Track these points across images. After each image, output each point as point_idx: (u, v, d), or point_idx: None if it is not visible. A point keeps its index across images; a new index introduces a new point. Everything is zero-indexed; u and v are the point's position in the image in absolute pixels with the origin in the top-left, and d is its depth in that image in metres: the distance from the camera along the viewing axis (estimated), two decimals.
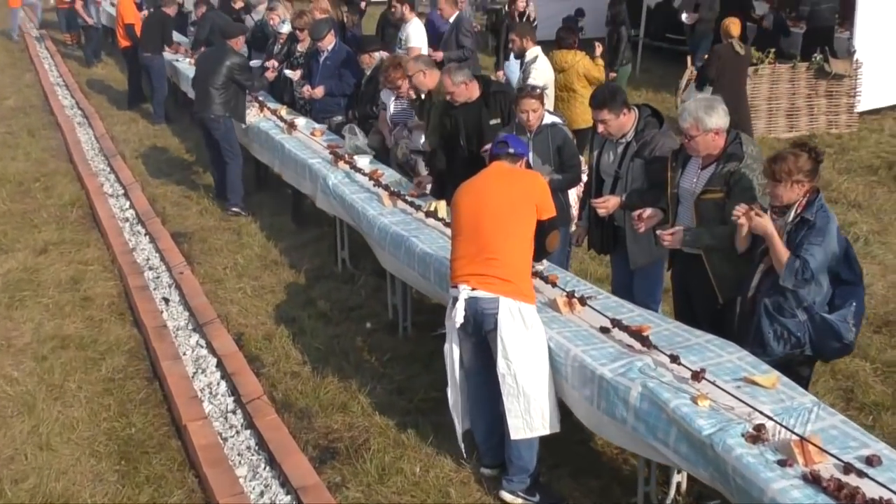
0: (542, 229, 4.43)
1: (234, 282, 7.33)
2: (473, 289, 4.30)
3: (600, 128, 5.12)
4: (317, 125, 8.79)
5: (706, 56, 10.45)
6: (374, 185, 6.76)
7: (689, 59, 11.34)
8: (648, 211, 4.84)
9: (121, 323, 6.72)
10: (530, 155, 5.45)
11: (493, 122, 6.31)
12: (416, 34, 9.71)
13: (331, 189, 7.05)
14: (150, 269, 7.75)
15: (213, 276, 7.47)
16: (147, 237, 8.47)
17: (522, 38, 7.88)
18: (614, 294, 5.17)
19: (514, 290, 4.28)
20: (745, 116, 9.46)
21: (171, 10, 13.20)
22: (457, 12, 10.72)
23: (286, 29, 10.08)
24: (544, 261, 4.99)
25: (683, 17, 13.08)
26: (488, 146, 6.09)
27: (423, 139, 7.31)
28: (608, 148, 5.28)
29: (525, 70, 7.94)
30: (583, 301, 4.56)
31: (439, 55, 10.36)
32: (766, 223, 4.12)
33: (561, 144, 5.70)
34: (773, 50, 11.14)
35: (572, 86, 8.67)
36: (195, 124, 9.86)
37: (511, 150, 4.60)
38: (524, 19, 11.88)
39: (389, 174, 7.19)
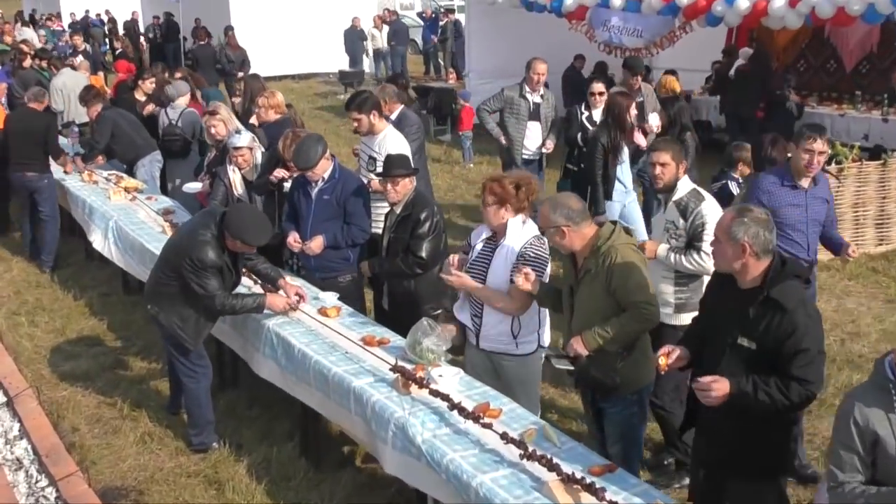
0: None
1: None
2: None
3: None
4: (325, 297, 5.74)
5: None
6: (524, 454, 3.76)
7: None
8: None
9: None
10: None
11: None
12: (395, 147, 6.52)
13: (423, 451, 4.01)
14: None
15: None
16: None
17: (678, 163, 5.02)
18: None
19: None
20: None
21: (38, 107, 9.52)
22: (400, 107, 7.73)
23: (243, 142, 6.99)
24: None
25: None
26: None
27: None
28: None
29: (690, 220, 4.86)
30: None
31: None
32: None
33: None
34: (857, 144, 8.93)
35: None
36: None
37: None
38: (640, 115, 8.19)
39: (511, 410, 4.24)
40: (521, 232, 4.75)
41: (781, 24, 10.51)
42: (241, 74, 18.72)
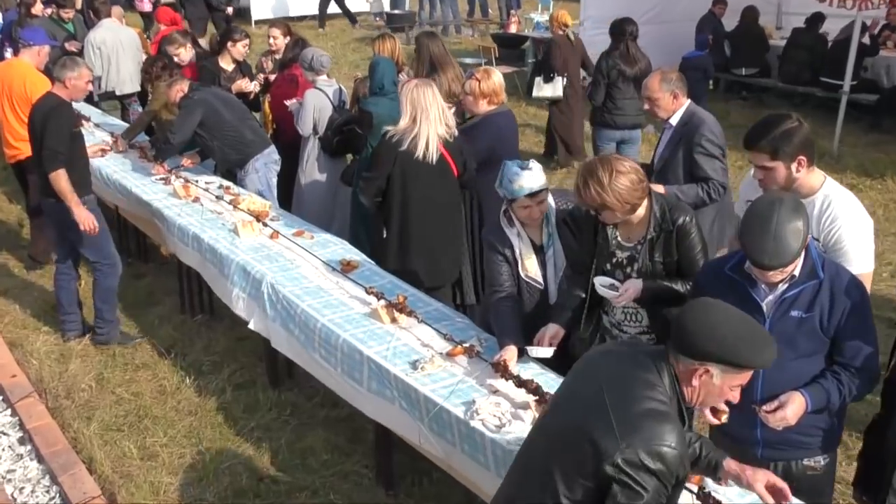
0: None
1: None
2: None
3: None
4: None
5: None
6: None
7: None
8: None
9: None
10: None
11: None
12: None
13: None
14: None
15: None
16: None
17: None
18: None
19: None
20: (581, 103, 9.72)
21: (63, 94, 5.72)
22: (686, 102, 4.98)
23: (528, 184, 3.98)
24: None
25: None
26: None
27: None
28: None
29: None
30: None
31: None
32: None
33: None
34: None
35: None
36: None
37: None
38: None
39: None
40: None
41: None
42: (230, 10, 15.63)
